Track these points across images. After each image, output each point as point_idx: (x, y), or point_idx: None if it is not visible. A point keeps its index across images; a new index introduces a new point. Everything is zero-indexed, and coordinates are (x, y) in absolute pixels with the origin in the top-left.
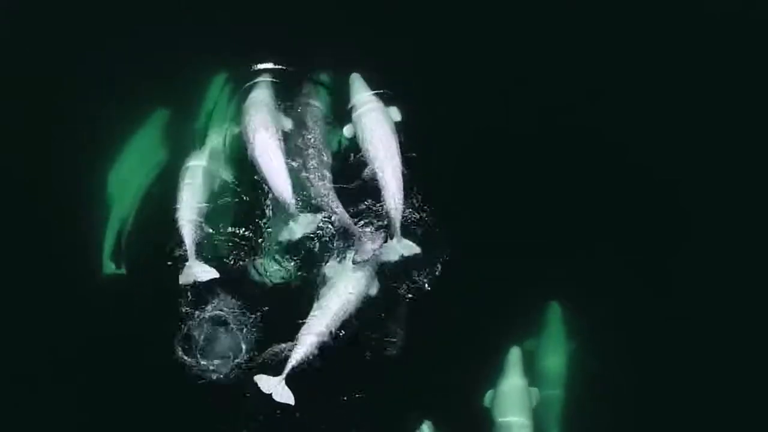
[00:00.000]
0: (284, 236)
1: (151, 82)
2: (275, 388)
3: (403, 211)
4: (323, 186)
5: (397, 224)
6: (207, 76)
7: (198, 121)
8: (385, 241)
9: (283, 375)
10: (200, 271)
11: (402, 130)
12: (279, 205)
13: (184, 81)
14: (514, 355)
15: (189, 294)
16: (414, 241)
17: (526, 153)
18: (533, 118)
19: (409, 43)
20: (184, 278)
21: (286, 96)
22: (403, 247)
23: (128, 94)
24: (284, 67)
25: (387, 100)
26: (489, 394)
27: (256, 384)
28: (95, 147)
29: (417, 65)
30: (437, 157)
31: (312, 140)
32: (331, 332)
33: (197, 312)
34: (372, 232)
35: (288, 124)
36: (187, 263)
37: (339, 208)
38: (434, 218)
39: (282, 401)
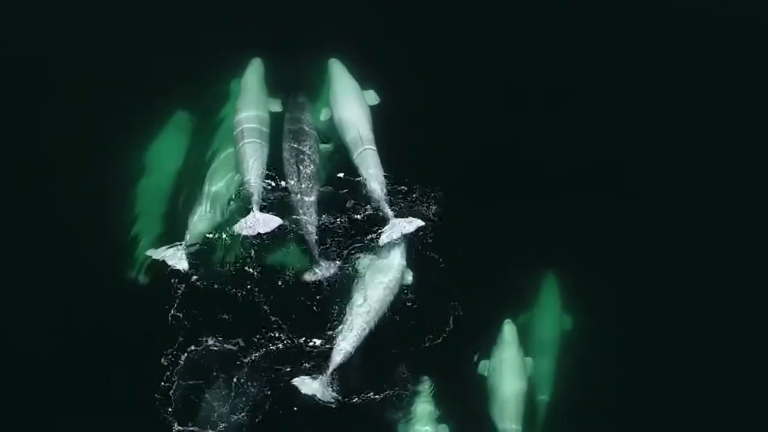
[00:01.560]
0: (238, 229)
1: (175, 83)
2: (318, 388)
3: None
4: (306, 200)
5: (386, 207)
6: (226, 76)
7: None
8: (339, 270)
9: (326, 375)
10: (172, 256)
11: (392, 116)
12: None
13: (206, 81)
14: (510, 326)
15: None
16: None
17: (520, 127)
18: (529, 98)
19: (404, 40)
20: (157, 253)
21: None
22: (401, 226)
23: (152, 95)
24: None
25: (363, 84)
26: (484, 363)
27: (297, 387)
28: (120, 150)
29: (413, 61)
30: (430, 137)
31: (303, 153)
32: (370, 329)
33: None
34: (331, 259)
35: (276, 107)
36: (173, 246)
37: (312, 225)
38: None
39: (325, 400)
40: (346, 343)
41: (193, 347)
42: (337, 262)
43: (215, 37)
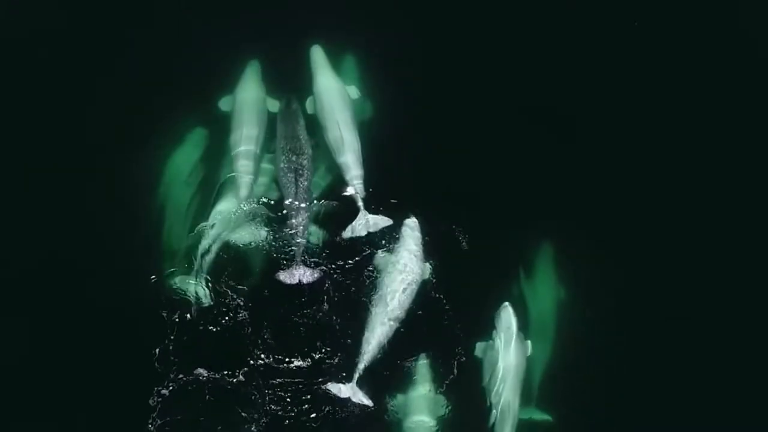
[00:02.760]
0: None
1: (175, 83)
2: (350, 391)
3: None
4: (299, 204)
5: (360, 201)
6: (225, 76)
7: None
8: (319, 277)
9: (355, 379)
10: (189, 284)
11: (392, 116)
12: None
13: (205, 81)
14: (508, 309)
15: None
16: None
17: (518, 102)
18: (527, 82)
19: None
20: (176, 282)
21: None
22: (371, 223)
23: (151, 95)
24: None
25: (346, 77)
26: (482, 346)
27: (329, 391)
28: (118, 150)
29: (413, 61)
30: (425, 118)
31: (296, 161)
32: (393, 326)
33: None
34: (311, 268)
35: (274, 106)
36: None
37: (302, 230)
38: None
39: (360, 402)
40: (372, 344)
41: (184, 377)
42: (319, 269)
43: (215, 37)
